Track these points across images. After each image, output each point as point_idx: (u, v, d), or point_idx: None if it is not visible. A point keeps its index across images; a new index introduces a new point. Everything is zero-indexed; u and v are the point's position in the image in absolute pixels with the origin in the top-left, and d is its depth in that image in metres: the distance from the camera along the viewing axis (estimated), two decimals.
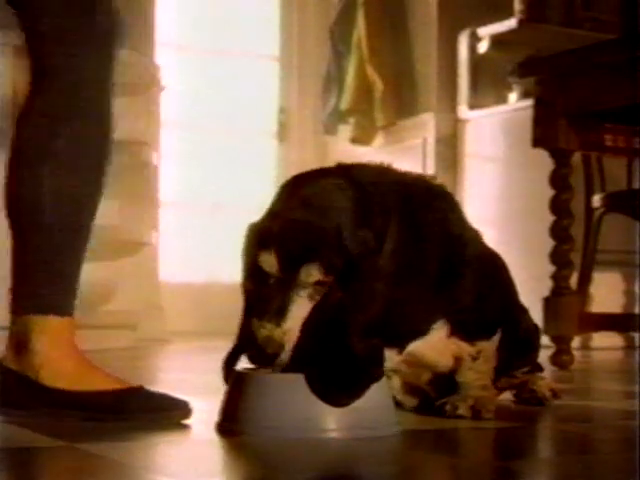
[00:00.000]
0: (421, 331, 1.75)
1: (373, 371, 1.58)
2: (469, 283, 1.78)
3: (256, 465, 1.39)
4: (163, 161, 5.00)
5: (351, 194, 1.63)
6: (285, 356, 1.53)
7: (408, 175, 1.81)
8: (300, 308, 1.53)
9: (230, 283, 5.91)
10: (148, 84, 4.75)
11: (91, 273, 4.73)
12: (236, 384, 1.62)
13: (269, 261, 1.53)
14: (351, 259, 1.55)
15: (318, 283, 1.54)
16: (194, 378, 2.87)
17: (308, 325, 1.54)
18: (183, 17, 5.83)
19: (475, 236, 1.86)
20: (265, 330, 1.52)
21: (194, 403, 2.08)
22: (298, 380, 1.56)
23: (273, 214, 1.62)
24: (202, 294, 5.68)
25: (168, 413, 1.71)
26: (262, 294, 1.56)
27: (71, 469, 1.31)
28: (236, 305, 1.73)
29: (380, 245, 1.62)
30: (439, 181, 1.86)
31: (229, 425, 1.59)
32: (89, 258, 1.90)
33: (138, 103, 4.77)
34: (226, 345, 1.73)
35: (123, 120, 4.76)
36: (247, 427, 1.55)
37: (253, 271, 1.57)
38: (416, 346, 1.76)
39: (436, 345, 1.79)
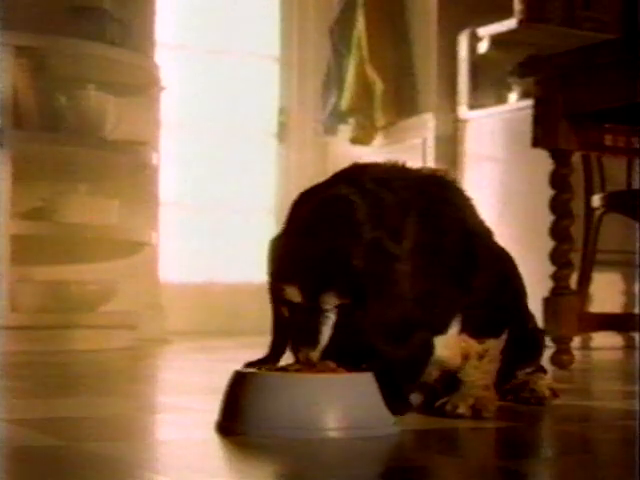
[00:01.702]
0: (442, 327, 1.77)
1: (416, 366, 1.68)
2: (483, 279, 1.78)
3: (256, 465, 1.39)
4: (163, 161, 5.00)
5: (361, 202, 1.67)
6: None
7: (422, 170, 1.84)
8: (328, 327, 1.65)
9: (230, 283, 5.95)
10: (148, 84, 4.75)
11: (91, 273, 4.79)
12: (236, 384, 1.62)
13: (293, 294, 1.66)
14: (361, 278, 1.63)
15: (339, 306, 1.64)
16: (194, 378, 2.87)
17: (332, 347, 1.65)
18: (183, 17, 5.83)
19: (488, 233, 1.88)
20: (302, 354, 1.65)
21: (194, 403, 2.08)
22: (298, 380, 1.56)
23: (288, 242, 1.70)
24: (202, 294, 5.68)
25: None
26: (295, 321, 1.68)
27: (71, 469, 1.31)
28: (236, 305, 1.75)
29: (399, 244, 1.66)
30: (452, 176, 1.88)
31: (229, 425, 1.59)
32: (89, 258, 1.90)
33: (138, 103, 4.77)
34: (225, 345, 1.73)
35: (123, 120, 4.81)
36: (247, 427, 1.55)
37: (283, 301, 1.69)
38: None
39: (448, 342, 1.79)
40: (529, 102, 3.52)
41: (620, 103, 3.12)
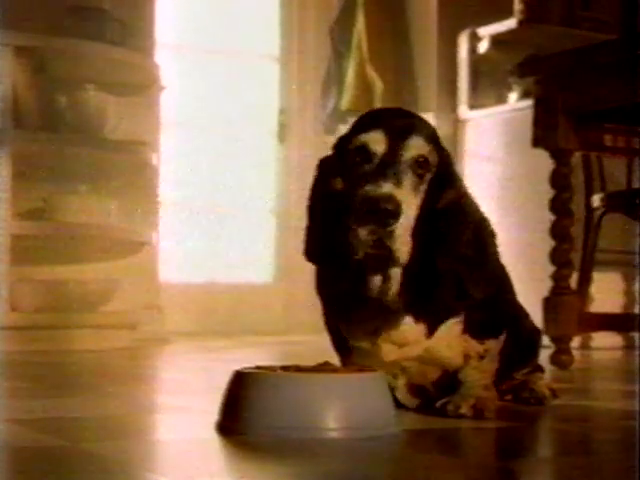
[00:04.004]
0: (452, 310, 1.78)
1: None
2: (489, 273, 1.80)
3: (256, 465, 1.39)
4: (163, 161, 4.99)
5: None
6: (399, 232, 1.53)
7: None
8: (410, 187, 1.57)
9: (230, 283, 5.94)
10: (148, 84, 4.75)
11: (91, 273, 4.78)
12: (236, 384, 1.62)
13: (376, 137, 1.57)
14: (445, 160, 1.67)
15: (421, 163, 1.59)
16: (194, 378, 2.87)
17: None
18: (183, 17, 5.83)
19: (493, 236, 1.90)
20: (385, 187, 1.51)
21: (194, 403, 2.08)
22: (298, 380, 1.56)
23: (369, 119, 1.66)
24: (202, 294, 5.67)
25: None
26: (365, 172, 1.55)
27: (71, 469, 1.31)
28: (236, 305, 1.73)
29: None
30: None
31: (229, 425, 1.59)
32: (89, 258, 1.90)
33: (138, 103, 4.77)
34: (225, 345, 1.73)
35: (123, 120, 4.80)
36: (247, 427, 1.55)
37: (351, 155, 1.58)
38: (433, 342, 1.77)
39: (451, 342, 1.80)
40: (529, 102, 3.52)
41: (620, 103, 3.12)
